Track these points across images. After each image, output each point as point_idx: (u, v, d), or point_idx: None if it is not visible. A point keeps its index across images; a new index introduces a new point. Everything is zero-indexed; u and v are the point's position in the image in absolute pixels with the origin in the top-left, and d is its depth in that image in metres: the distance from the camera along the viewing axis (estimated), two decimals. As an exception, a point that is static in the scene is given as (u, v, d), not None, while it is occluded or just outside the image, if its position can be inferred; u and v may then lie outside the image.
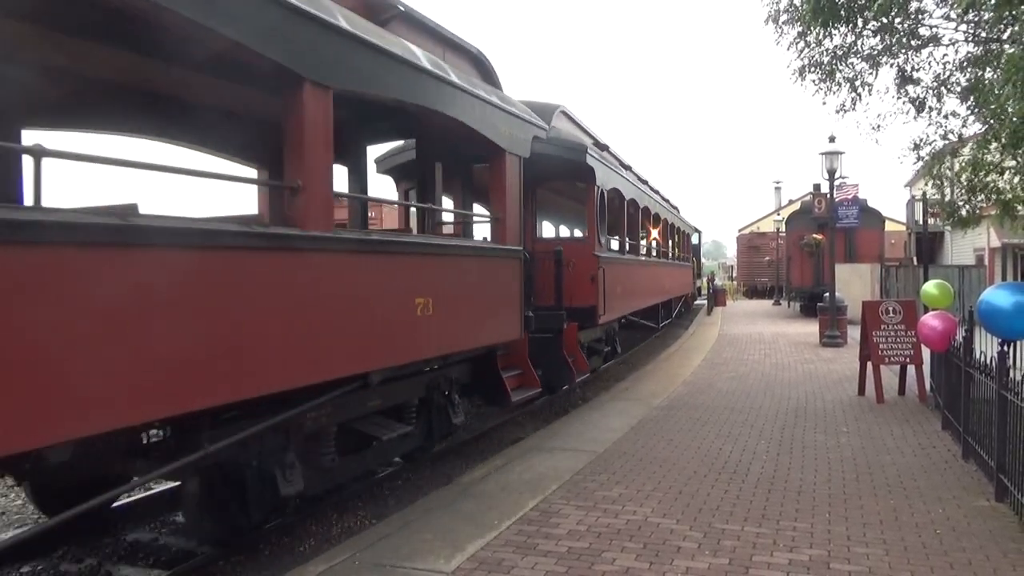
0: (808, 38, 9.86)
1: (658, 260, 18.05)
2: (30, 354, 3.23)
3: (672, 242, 21.26)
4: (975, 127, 9.98)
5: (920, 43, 9.79)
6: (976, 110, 9.32)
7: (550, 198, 14.40)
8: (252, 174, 7.73)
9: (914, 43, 9.74)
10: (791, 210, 35.99)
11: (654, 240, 17.61)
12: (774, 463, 6.61)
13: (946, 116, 10.24)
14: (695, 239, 31.93)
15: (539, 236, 13.58)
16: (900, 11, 9.13)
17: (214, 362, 4.09)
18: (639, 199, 14.91)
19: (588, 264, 10.68)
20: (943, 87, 10.08)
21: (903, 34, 9.53)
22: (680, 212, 25.04)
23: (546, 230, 18.00)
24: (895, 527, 4.93)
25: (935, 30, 9.77)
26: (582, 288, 10.56)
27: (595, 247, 10.91)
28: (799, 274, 26.80)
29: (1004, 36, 8.82)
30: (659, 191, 19.87)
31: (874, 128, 10.73)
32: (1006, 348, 6.15)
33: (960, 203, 10.86)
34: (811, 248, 25.78)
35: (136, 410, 3.71)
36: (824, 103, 11.74)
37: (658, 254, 18.22)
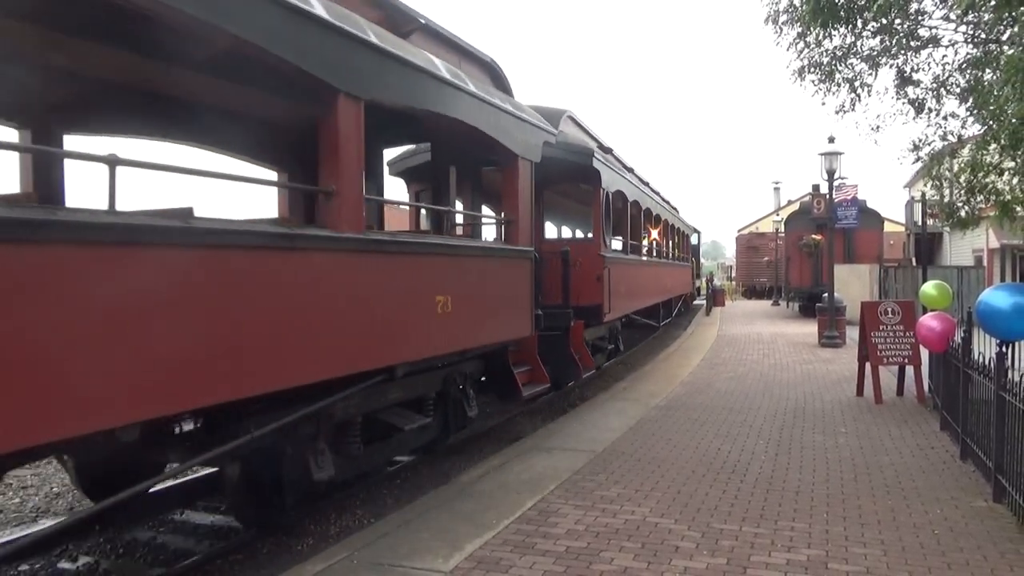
0: (807, 39, 9.85)
1: (659, 260, 18.19)
2: (120, 342, 3.59)
3: (672, 242, 21.43)
4: (974, 128, 9.97)
5: (919, 44, 9.77)
6: (975, 111, 9.31)
7: (554, 199, 14.54)
8: (273, 176, 8.14)
9: (913, 44, 9.73)
10: (790, 210, 36.09)
11: (655, 240, 17.76)
12: (772, 463, 6.62)
13: (945, 117, 10.23)
14: (694, 239, 32.10)
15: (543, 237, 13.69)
16: (900, 12, 9.12)
17: (271, 352, 4.46)
18: (641, 201, 15.11)
19: (594, 264, 10.92)
20: (942, 88, 10.06)
21: (903, 35, 9.53)
22: (680, 213, 25.13)
23: (548, 230, 18.07)
24: (893, 527, 4.93)
25: (934, 31, 9.77)
26: (588, 287, 10.79)
27: (601, 247, 11.16)
28: (798, 274, 26.84)
29: (1003, 37, 8.82)
30: (659, 192, 20.06)
31: (873, 129, 10.72)
32: (1004, 349, 6.16)
33: (959, 204, 10.86)
34: (810, 248, 25.82)
35: (208, 393, 4.10)
36: (823, 104, 11.77)
37: (659, 254, 18.36)
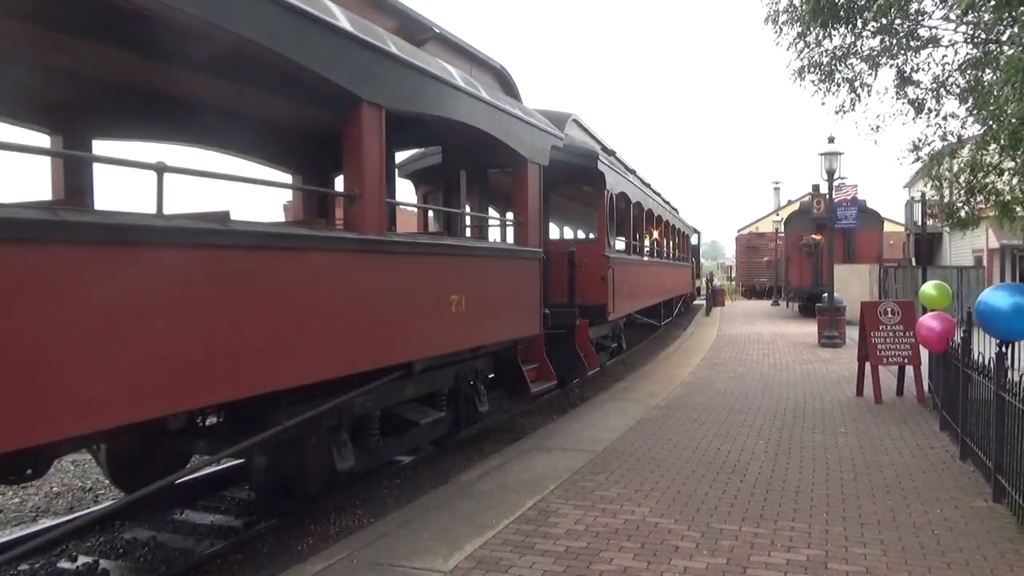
0: (807, 38, 9.85)
1: (660, 260, 18.31)
2: (186, 336, 3.86)
3: (673, 243, 21.56)
4: (974, 128, 9.96)
5: (919, 44, 9.78)
6: (975, 111, 9.30)
7: (559, 201, 14.67)
8: (287, 179, 8.43)
9: (913, 44, 9.73)
10: (790, 210, 36.08)
11: (656, 241, 17.87)
12: (772, 463, 6.62)
13: (945, 117, 10.23)
14: (694, 240, 32.19)
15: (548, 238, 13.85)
16: (900, 12, 9.12)
17: (308, 347, 4.74)
18: (643, 202, 15.32)
19: (599, 264, 11.15)
20: (942, 88, 10.07)
21: (903, 35, 9.53)
22: (679, 213, 25.16)
23: (552, 231, 18.14)
24: (893, 527, 4.93)
25: (934, 31, 9.77)
26: (593, 287, 11.03)
27: (605, 248, 11.39)
28: (798, 274, 26.84)
29: (1003, 37, 8.82)
30: (660, 193, 20.15)
31: (873, 129, 10.72)
32: (1004, 349, 6.17)
33: (959, 204, 10.86)
34: (810, 248, 25.82)
35: (254, 383, 4.38)
36: (823, 104, 11.80)
37: (660, 255, 18.47)
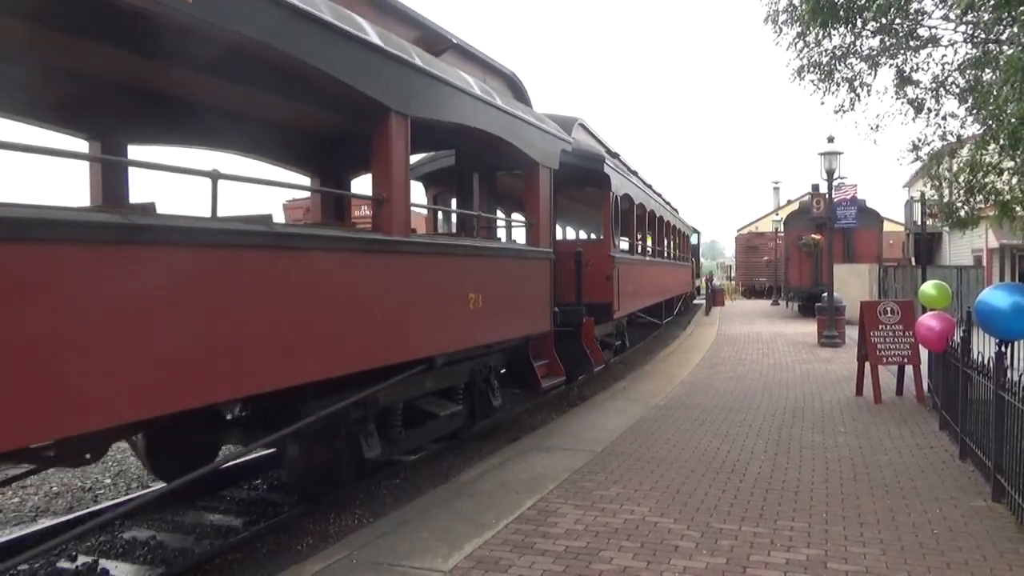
0: (807, 38, 9.86)
1: (662, 260, 18.50)
2: (237, 331, 4.14)
3: (673, 243, 21.72)
4: (973, 128, 9.97)
5: (919, 44, 9.78)
6: (975, 111, 9.31)
7: (565, 202, 14.86)
8: (307, 181, 8.75)
9: (913, 44, 9.73)
10: (789, 210, 36.07)
11: (658, 241, 18.01)
12: (772, 463, 6.62)
13: (944, 117, 10.23)
14: (694, 239, 32.25)
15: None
16: (899, 12, 9.12)
17: (348, 339, 5.10)
18: (646, 203, 15.60)
19: (604, 264, 11.40)
20: (942, 88, 10.07)
21: (902, 35, 9.53)
22: (679, 213, 25.20)
23: (558, 232, 18.32)
24: (892, 527, 4.93)
25: (934, 31, 9.77)
26: (599, 286, 11.27)
27: (611, 248, 11.67)
28: (797, 274, 26.83)
29: (1003, 37, 8.82)
30: (661, 194, 20.32)
31: (873, 128, 10.73)
32: (1004, 348, 6.16)
33: (958, 204, 10.88)
34: (809, 248, 25.81)
35: (297, 373, 4.66)
36: (823, 103, 11.79)
37: (662, 254, 18.60)
